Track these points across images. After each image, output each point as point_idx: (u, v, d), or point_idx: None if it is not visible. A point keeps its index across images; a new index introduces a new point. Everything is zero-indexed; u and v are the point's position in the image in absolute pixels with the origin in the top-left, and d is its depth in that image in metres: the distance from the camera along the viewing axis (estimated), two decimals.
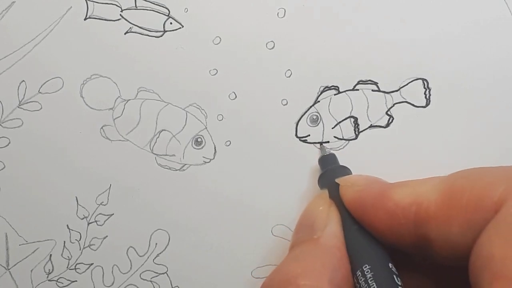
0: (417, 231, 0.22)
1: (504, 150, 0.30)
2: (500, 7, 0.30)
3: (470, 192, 0.21)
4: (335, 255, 0.24)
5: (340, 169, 0.28)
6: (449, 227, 0.21)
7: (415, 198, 0.22)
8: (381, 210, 0.23)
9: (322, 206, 0.26)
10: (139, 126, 0.31)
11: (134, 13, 0.31)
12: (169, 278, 0.31)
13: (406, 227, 0.22)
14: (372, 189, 0.24)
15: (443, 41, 0.30)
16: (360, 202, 0.24)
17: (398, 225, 0.23)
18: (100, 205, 0.31)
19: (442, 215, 0.21)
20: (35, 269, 0.32)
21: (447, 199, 0.21)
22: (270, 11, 0.31)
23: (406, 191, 0.23)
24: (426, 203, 0.22)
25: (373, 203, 0.24)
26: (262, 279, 0.31)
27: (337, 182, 0.26)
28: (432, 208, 0.22)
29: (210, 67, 0.31)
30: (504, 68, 0.30)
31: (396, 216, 0.23)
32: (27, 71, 0.31)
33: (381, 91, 0.30)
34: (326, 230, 0.25)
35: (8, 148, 0.32)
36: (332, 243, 0.24)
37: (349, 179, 0.26)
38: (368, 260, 0.23)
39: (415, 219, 0.22)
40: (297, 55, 0.30)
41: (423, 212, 0.22)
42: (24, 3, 0.32)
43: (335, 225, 0.25)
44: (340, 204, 0.25)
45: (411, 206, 0.22)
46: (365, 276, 0.23)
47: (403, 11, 0.30)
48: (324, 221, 0.25)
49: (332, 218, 0.25)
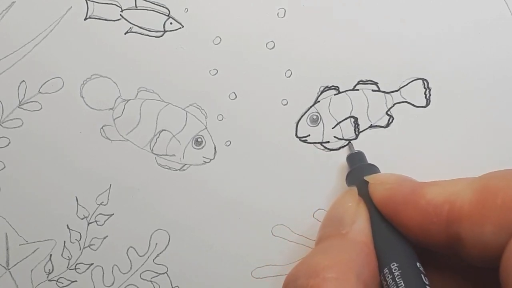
0: (448, 230, 0.22)
1: (504, 150, 0.30)
2: (500, 7, 0.30)
3: (505, 192, 0.21)
4: (363, 250, 0.23)
5: (368, 167, 0.28)
6: (483, 227, 0.21)
7: (448, 196, 0.22)
8: (413, 208, 0.23)
9: (351, 202, 0.26)
10: (139, 126, 0.31)
11: (134, 13, 0.31)
12: (169, 278, 0.31)
13: (438, 226, 0.22)
14: (404, 187, 0.24)
15: (443, 41, 0.30)
16: (391, 200, 0.24)
17: (430, 223, 0.22)
18: (100, 205, 0.31)
19: (476, 215, 0.21)
20: (35, 269, 0.32)
21: (481, 199, 0.21)
22: (270, 11, 0.31)
23: (438, 190, 0.23)
24: (459, 202, 0.22)
25: (404, 201, 0.23)
26: (262, 279, 0.31)
27: (366, 179, 0.26)
28: (465, 207, 0.21)
29: (210, 67, 0.31)
30: (504, 68, 0.30)
31: (428, 215, 0.22)
32: (27, 71, 0.31)
33: (381, 91, 0.30)
34: (354, 225, 0.24)
35: (8, 148, 0.32)
36: (360, 238, 0.24)
37: (379, 177, 0.26)
38: (396, 258, 0.23)
39: (447, 218, 0.22)
40: (297, 55, 0.30)
41: (456, 211, 0.22)
42: (24, 3, 0.32)
43: (364, 221, 0.25)
44: (369, 201, 0.25)
45: (444, 204, 0.22)
46: (392, 274, 0.22)
47: (403, 11, 0.30)
48: (352, 217, 0.25)
49: (361, 214, 0.25)
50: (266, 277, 0.31)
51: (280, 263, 0.30)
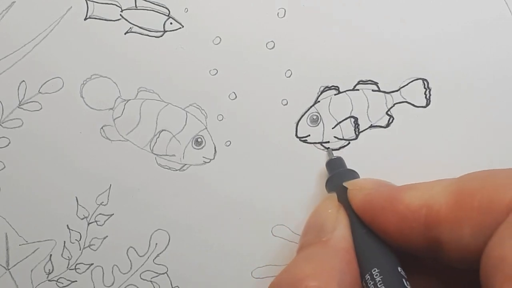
0: (427, 234, 0.22)
1: (504, 150, 0.30)
2: (500, 7, 0.30)
3: (482, 194, 0.21)
4: (344, 257, 0.23)
5: (348, 173, 0.28)
6: (461, 229, 0.21)
7: (425, 200, 0.22)
8: (391, 213, 0.23)
9: (331, 209, 0.26)
10: (139, 126, 0.31)
11: (134, 13, 0.31)
12: (169, 278, 0.31)
13: (417, 230, 0.22)
14: (381, 192, 0.24)
15: (443, 41, 0.30)
16: (369, 206, 0.24)
17: (409, 228, 0.22)
18: (100, 205, 0.31)
19: (453, 218, 0.21)
20: (35, 269, 0.32)
21: (458, 201, 0.21)
22: (270, 11, 0.31)
23: (416, 193, 0.23)
24: (437, 205, 0.22)
25: (383, 206, 0.23)
26: (262, 279, 0.31)
27: (345, 185, 0.26)
28: (443, 211, 0.21)
29: (210, 67, 0.31)
30: (504, 68, 0.30)
31: (407, 219, 0.22)
32: (27, 71, 0.31)
33: (381, 91, 0.30)
34: (335, 232, 0.24)
35: (8, 148, 0.32)
36: (341, 245, 0.24)
37: (357, 182, 0.26)
38: (377, 264, 0.23)
39: (425, 221, 0.22)
40: (297, 55, 0.30)
41: (434, 214, 0.22)
42: (24, 3, 0.32)
43: (344, 228, 0.25)
44: (349, 207, 0.25)
45: (422, 208, 0.22)
46: (374, 279, 0.23)
47: (403, 11, 0.30)
48: (333, 224, 0.25)
49: (341, 221, 0.25)
50: (266, 277, 0.31)
51: (280, 263, 0.30)
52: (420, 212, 0.22)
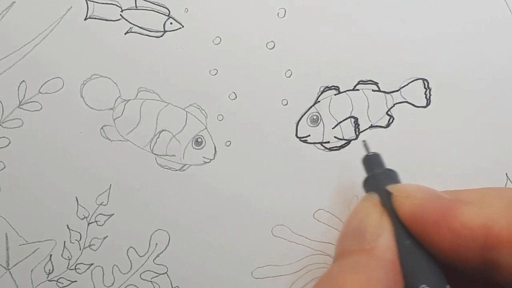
0: (484, 255, 0.21)
1: (504, 150, 0.30)
2: (500, 7, 0.30)
3: None
4: (391, 270, 0.22)
5: (390, 174, 0.26)
6: None
7: (484, 219, 0.21)
8: (446, 229, 0.22)
9: (374, 214, 0.24)
10: (139, 126, 0.31)
11: (134, 13, 0.31)
12: (169, 278, 0.31)
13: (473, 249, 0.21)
14: (434, 205, 0.23)
15: (443, 41, 0.30)
16: (420, 217, 0.22)
17: (465, 247, 0.21)
18: (100, 205, 0.31)
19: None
20: (35, 269, 0.32)
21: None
22: (270, 11, 0.31)
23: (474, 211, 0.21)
24: (497, 227, 0.21)
25: (436, 220, 0.22)
26: (262, 279, 0.31)
27: (390, 190, 0.24)
28: (504, 233, 0.20)
29: (210, 67, 0.31)
30: (504, 68, 0.30)
31: (463, 238, 0.21)
32: (27, 71, 0.31)
33: (381, 91, 0.30)
34: (379, 241, 0.23)
35: (8, 148, 0.32)
36: (387, 256, 0.22)
37: (404, 188, 0.24)
38: (425, 280, 0.22)
39: (484, 242, 0.21)
40: (297, 55, 0.30)
41: (494, 236, 0.21)
42: (24, 3, 0.32)
43: (389, 236, 0.23)
44: (393, 214, 0.24)
45: (481, 228, 0.21)
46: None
47: (403, 11, 0.30)
48: (377, 231, 0.23)
49: (385, 228, 0.23)
50: (266, 277, 0.31)
51: (280, 263, 0.30)
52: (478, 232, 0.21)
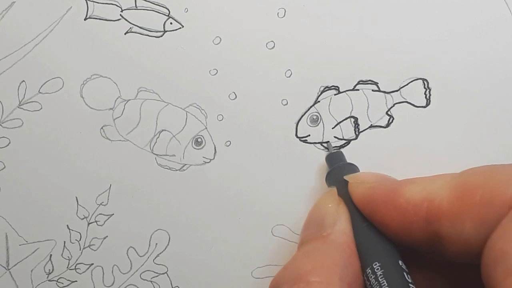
0: (428, 228, 0.22)
1: (504, 150, 0.30)
2: (500, 7, 0.30)
3: (483, 189, 0.21)
4: (345, 252, 0.23)
5: (348, 167, 0.28)
6: (462, 224, 0.21)
7: (426, 195, 0.22)
8: (392, 207, 0.23)
9: (331, 203, 0.26)
10: (139, 126, 0.31)
11: (134, 13, 0.31)
12: (169, 278, 0.31)
13: (417, 224, 0.22)
14: (382, 186, 0.24)
15: (443, 41, 0.30)
16: (370, 199, 0.24)
17: (409, 222, 0.22)
18: (100, 205, 0.31)
19: (455, 212, 0.21)
20: (35, 269, 0.32)
21: (460, 196, 0.21)
22: (270, 11, 0.31)
23: (417, 188, 0.23)
24: (438, 200, 0.22)
25: (384, 200, 0.23)
26: (262, 279, 0.31)
27: (346, 179, 0.26)
28: (444, 205, 0.21)
29: (210, 67, 0.31)
30: (504, 68, 0.30)
31: (408, 213, 0.22)
32: (27, 71, 0.31)
33: (381, 91, 0.30)
34: (335, 227, 0.24)
35: (8, 148, 0.32)
36: (342, 240, 0.24)
37: (358, 176, 0.26)
38: (378, 258, 0.23)
39: (426, 216, 0.22)
40: (297, 55, 0.30)
41: (435, 209, 0.22)
42: (24, 3, 0.32)
43: (345, 222, 0.25)
44: (349, 201, 0.25)
45: (423, 203, 0.22)
46: (375, 273, 0.23)
47: (403, 11, 0.30)
48: (333, 218, 0.25)
49: (342, 215, 0.25)
50: (266, 277, 0.31)
51: (280, 263, 0.30)
52: (421, 206, 0.22)
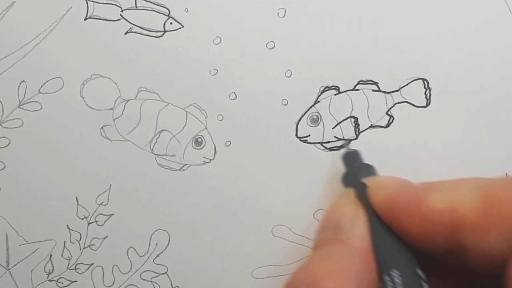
0: (451, 238, 0.22)
1: (505, 150, 0.30)
2: (500, 7, 0.30)
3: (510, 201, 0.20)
4: (363, 257, 0.23)
5: (366, 168, 0.27)
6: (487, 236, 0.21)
7: (451, 204, 0.22)
8: (415, 215, 0.22)
9: (349, 206, 0.25)
10: (139, 126, 0.31)
11: (134, 13, 0.31)
12: (169, 278, 0.31)
13: (440, 233, 0.22)
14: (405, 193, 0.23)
15: (443, 41, 0.30)
16: (392, 206, 0.23)
17: (432, 231, 0.22)
18: (100, 205, 0.31)
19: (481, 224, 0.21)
20: (35, 269, 0.32)
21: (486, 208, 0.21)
22: (270, 11, 0.31)
23: (441, 196, 0.22)
24: (463, 210, 0.21)
25: (406, 207, 0.23)
26: (262, 279, 0.31)
27: (365, 182, 0.25)
28: (470, 216, 0.21)
29: (210, 67, 0.31)
30: (504, 68, 0.30)
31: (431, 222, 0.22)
32: (27, 71, 0.31)
33: (381, 91, 0.30)
34: (353, 231, 0.24)
35: (8, 148, 0.32)
36: (360, 244, 0.23)
37: (379, 180, 0.25)
38: (396, 265, 0.23)
39: (451, 226, 0.22)
40: (297, 55, 0.30)
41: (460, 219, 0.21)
42: (24, 3, 0.32)
43: (363, 226, 0.24)
44: (368, 205, 0.25)
45: (447, 212, 0.22)
46: (392, 280, 0.22)
47: (403, 11, 0.30)
48: (351, 222, 0.24)
49: (360, 219, 0.24)
50: (266, 277, 0.31)
51: (280, 263, 0.30)
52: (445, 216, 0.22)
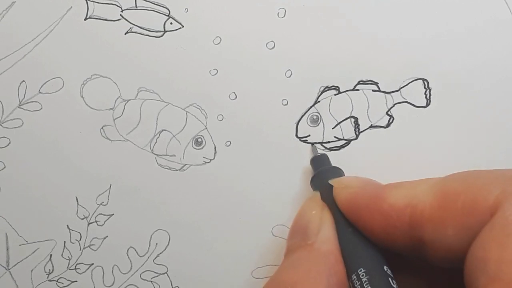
0: (411, 233, 0.22)
1: (504, 150, 0.30)
2: (500, 7, 0.30)
3: (465, 195, 0.21)
4: (330, 260, 0.23)
5: (333, 170, 0.28)
6: (444, 230, 0.21)
7: (409, 200, 0.22)
8: (376, 212, 0.23)
9: (315, 210, 0.26)
10: (139, 126, 0.31)
11: (134, 13, 0.31)
12: (169, 278, 0.31)
13: (401, 229, 0.22)
14: (367, 191, 0.24)
15: (443, 41, 0.30)
16: (354, 204, 0.24)
17: (393, 227, 0.22)
18: (100, 205, 0.31)
19: (437, 218, 0.21)
20: (35, 269, 0.32)
21: (442, 202, 0.21)
22: (270, 11, 0.31)
23: (400, 193, 0.23)
24: (421, 205, 0.22)
25: (368, 205, 0.23)
26: (262, 279, 0.31)
27: (331, 183, 0.26)
28: (427, 211, 0.22)
29: (210, 67, 0.31)
30: (504, 68, 0.30)
31: (391, 218, 0.23)
32: (27, 71, 0.31)
33: (381, 91, 0.30)
34: (319, 234, 0.24)
35: (8, 148, 0.32)
36: (327, 248, 0.24)
37: (343, 180, 0.26)
38: (363, 264, 0.23)
39: (409, 221, 0.22)
40: (297, 55, 0.30)
41: (418, 214, 0.22)
42: (24, 3, 0.32)
43: (329, 228, 0.25)
44: (334, 206, 0.25)
45: (406, 208, 0.22)
46: (360, 280, 0.22)
47: (403, 11, 0.30)
48: (317, 225, 0.25)
49: (326, 222, 0.25)
50: (266, 277, 0.31)
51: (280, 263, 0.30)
52: (404, 212, 0.22)
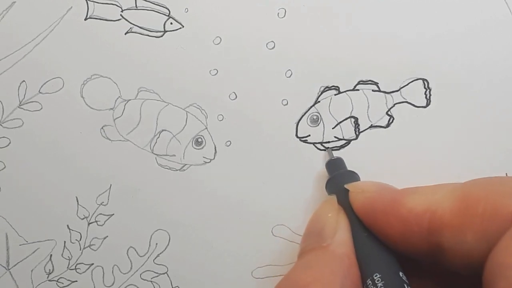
0: (430, 239, 0.22)
1: (504, 150, 0.30)
2: (500, 7, 0.30)
3: (486, 201, 0.21)
4: (345, 263, 0.23)
5: (348, 174, 0.28)
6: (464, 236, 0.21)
7: (428, 205, 0.22)
8: (394, 217, 0.23)
9: (331, 213, 0.26)
10: (139, 126, 0.31)
11: (134, 13, 0.31)
12: (169, 278, 0.31)
13: (419, 234, 0.22)
14: (384, 196, 0.24)
15: (443, 41, 0.30)
16: (371, 209, 0.24)
17: (411, 232, 0.22)
18: (100, 205, 0.31)
19: (457, 223, 0.21)
20: (35, 269, 0.32)
21: (463, 208, 0.21)
22: (270, 11, 0.31)
23: (419, 198, 0.23)
24: (440, 210, 0.22)
25: (385, 209, 0.23)
26: (262, 279, 0.31)
27: (346, 188, 0.26)
28: (446, 216, 0.21)
29: (210, 67, 0.31)
30: (504, 68, 0.30)
31: (409, 223, 0.22)
32: (27, 71, 0.31)
33: (381, 91, 0.30)
34: (335, 237, 0.24)
35: (8, 148, 0.32)
36: (342, 250, 0.24)
37: (359, 185, 0.26)
38: (378, 269, 0.23)
39: (428, 226, 0.22)
40: (297, 55, 0.30)
41: (437, 219, 0.22)
42: (24, 3, 0.32)
43: (345, 232, 0.25)
44: (349, 210, 0.25)
45: (425, 213, 0.22)
46: (376, 285, 0.22)
47: (403, 11, 0.30)
48: (333, 228, 0.25)
49: (341, 225, 0.25)
50: (266, 277, 0.31)
51: (280, 263, 0.30)
52: (423, 217, 0.22)
